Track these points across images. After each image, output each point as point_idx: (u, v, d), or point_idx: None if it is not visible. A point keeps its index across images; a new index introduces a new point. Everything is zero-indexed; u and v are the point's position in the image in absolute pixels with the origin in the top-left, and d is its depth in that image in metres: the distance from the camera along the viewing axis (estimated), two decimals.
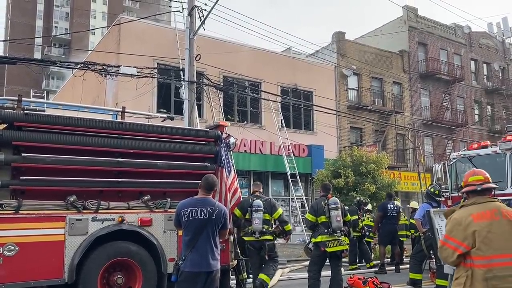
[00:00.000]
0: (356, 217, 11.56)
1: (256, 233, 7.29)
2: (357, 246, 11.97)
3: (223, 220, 4.91)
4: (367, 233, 12.33)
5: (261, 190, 8.19)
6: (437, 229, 6.53)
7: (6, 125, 5.68)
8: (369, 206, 13.64)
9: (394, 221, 11.74)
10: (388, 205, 11.79)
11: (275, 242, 7.62)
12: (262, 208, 7.39)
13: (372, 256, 12.62)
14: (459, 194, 8.21)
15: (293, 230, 8.12)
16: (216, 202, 5.00)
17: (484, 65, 33.75)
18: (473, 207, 3.47)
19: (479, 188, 3.55)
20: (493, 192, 3.70)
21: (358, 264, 12.00)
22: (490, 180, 3.65)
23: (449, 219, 3.58)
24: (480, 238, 3.27)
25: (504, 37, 34.63)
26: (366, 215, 12.89)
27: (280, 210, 7.71)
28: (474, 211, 3.41)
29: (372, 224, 12.58)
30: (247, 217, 7.46)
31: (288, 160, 20.59)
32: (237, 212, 7.39)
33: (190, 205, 4.86)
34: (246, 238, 7.41)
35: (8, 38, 60.51)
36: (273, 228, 7.57)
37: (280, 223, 7.65)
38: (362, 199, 13.61)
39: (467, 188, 3.63)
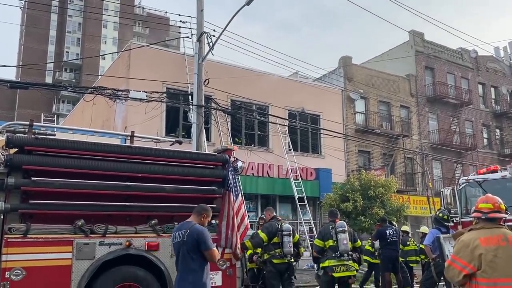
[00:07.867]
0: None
1: (288, 256, 7.65)
2: None
3: (196, 242, 4.75)
4: None
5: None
6: (447, 255, 6.43)
7: (17, 149, 5.77)
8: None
9: (395, 246, 10.61)
10: (387, 230, 10.64)
11: None
12: (291, 232, 7.76)
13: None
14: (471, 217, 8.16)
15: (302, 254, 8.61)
16: (193, 224, 4.89)
17: (492, 88, 33.73)
18: (481, 231, 3.61)
19: (483, 217, 3.68)
20: (504, 219, 3.76)
21: None
22: (502, 207, 3.73)
23: (457, 240, 3.73)
24: (486, 261, 3.41)
25: (511, 61, 34.72)
26: None
27: (297, 235, 8.20)
28: (482, 235, 3.56)
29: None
30: (275, 240, 7.70)
31: (296, 184, 20.52)
32: (263, 236, 7.65)
33: (175, 229, 5.11)
34: (275, 261, 7.60)
35: (21, 63, 61.79)
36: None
37: (296, 246, 8.03)
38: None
39: (474, 214, 3.80)
